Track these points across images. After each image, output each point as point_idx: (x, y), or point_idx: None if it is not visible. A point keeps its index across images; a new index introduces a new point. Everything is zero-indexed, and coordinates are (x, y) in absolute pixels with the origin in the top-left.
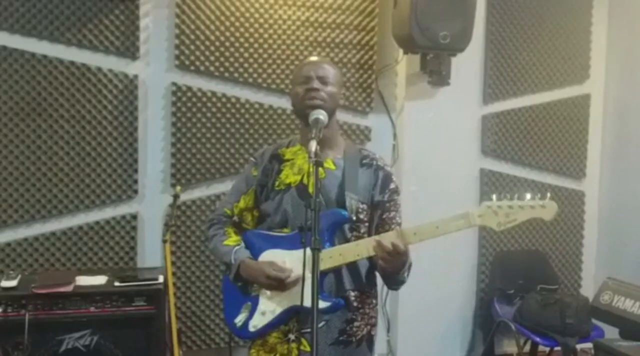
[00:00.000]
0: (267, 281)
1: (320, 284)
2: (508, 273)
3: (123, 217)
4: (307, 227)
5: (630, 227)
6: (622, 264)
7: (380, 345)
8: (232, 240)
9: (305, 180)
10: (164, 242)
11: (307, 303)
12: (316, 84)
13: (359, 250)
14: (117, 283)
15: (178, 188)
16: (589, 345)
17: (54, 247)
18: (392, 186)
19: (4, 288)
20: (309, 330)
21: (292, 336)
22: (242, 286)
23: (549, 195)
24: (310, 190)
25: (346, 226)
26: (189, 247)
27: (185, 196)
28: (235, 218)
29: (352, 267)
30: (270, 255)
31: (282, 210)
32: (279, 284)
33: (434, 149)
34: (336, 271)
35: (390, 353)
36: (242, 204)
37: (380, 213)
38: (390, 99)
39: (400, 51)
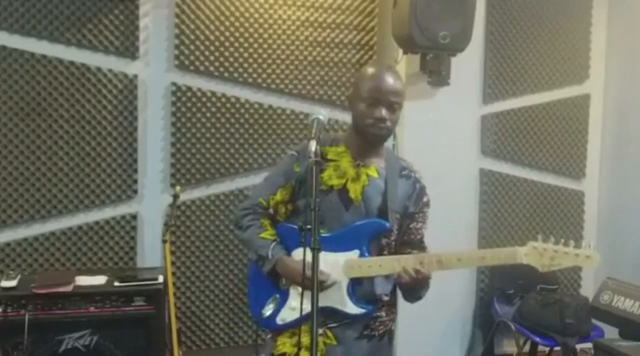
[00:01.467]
0: (305, 283)
1: (352, 290)
2: (508, 273)
3: (123, 217)
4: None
5: (629, 227)
6: (621, 264)
7: None
8: (269, 233)
9: (348, 185)
10: (164, 242)
11: (342, 306)
12: (385, 114)
13: (398, 266)
14: (116, 283)
15: (178, 188)
16: (589, 345)
17: (53, 246)
18: (425, 199)
19: (3, 288)
20: (335, 324)
21: (320, 331)
22: (274, 280)
23: (592, 244)
24: (353, 196)
25: None
26: (189, 247)
27: (185, 196)
28: (271, 210)
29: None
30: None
31: (320, 211)
32: (318, 286)
33: (433, 149)
34: (373, 279)
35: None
36: (278, 197)
37: (408, 222)
38: None
39: (400, 51)
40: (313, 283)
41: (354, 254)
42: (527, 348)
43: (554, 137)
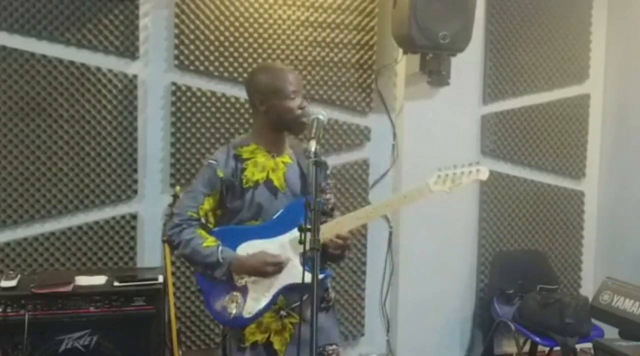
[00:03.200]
0: (269, 269)
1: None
2: (507, 273)
3: (123, 217)
4: (306, 227)
5: (629, 227)
6: (621, 264)
7: (379, 345)
8: (210, 241)
9: (271, 176)
10: (164, 242)
11: (296, 280)
12: (305, 103)
13: (339, 227)
14: (116, 283)
15: (178, 188)
16: (589, 344)
17: (53, 246)
18: (328, 172)
19: (3, 288)
20: (297, 303)
21: (283, 313)
22: (227, 281)
23: (478, 162)
24: (277, 184)
25: None
26: None
27: None
28: (202, 220)
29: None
30: (249, 247)
31: (254, 204)
32: (279, 268)
33: (433, 149)
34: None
35: (390, 353)
36: (206, 206)
37: (320, 195)
38: (389, 99)
39: (400, 51)
40: (313, 281)
41: (294, 232)
42: (527, 348)
43: (554, 137)
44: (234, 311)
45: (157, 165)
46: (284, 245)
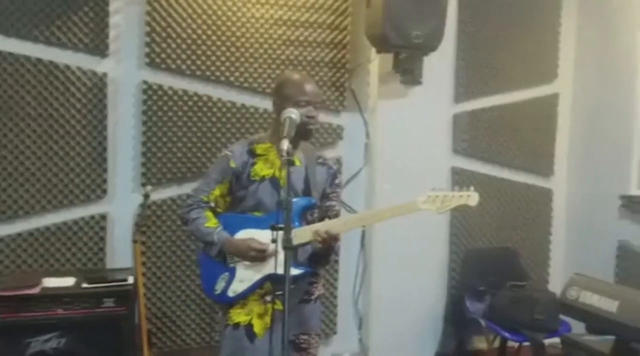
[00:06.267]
0: (252, 254)
1: (295, 254)
2: (479, 270)
3: (92, 217)
4: (280, 227)
5: (596, 224)
6: (589, 260)
7: (352, 343)
8: (212, 222)
9: (277, 174)
10: (134, 242)
11: (280, 271)
12: (314, 113)
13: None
14: (85, 285)
15: (148, 187)
16: (557, 339)
17: (20, 248)
18: (337, 181)
19: None
20: (281, 292)
21: (268, 298)
22: (222, 260)
23: (472, 188)
24: (282, 183)
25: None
26: (160, 247)
27: (156, 196)
28: (212, 204)
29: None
30: (246, 233)
31: (256, 197)
32: (261, 256)
33: (406, 148)
34: (305, 246)
35: (363, 351)
36: (217, 192)
37: (326, 202)
38: (363, 98)
39: (373, 50)
40: (285, 276)
41: None
42: (498, 344)
43: (524, 136)
44: (220, 289)
45: (127, 164)
46: (276, 238)
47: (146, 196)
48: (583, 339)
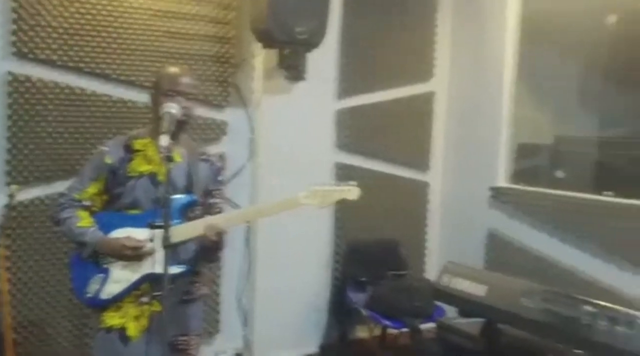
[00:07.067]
0: (127, 253)
1: (176, 252)
2: (360, 261)
3: None
4: (158, 225)
5: (469, 215)
6: (462, 248)
7: (236, 341)
8: (86, 222)
9: (156, 170)
10: None
11: (160, 270)
12: (186, 104)
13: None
14: None
15: (14, 187)
16: (433, 324)
17: None
18: (220, 178)
19: None
20: (159, 293)
21: (144, 299)
22: (95, 262)
23: (352, 182)
24: (161, 178)
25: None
26: (26, 251)
27: (23, 196)
28: (86, 202)
29: (196, 240)
30: (122, 232)
31: (134, 194)
32: (136, 254)
33: (290, 143)
34: (187, 244)
35: (247, 347)
36: (92, 190)
37: (209, 199)
38: (247, 93)
39: (258, 45)
40: (164, 276)
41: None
42: (379, 332)
43: (403, 132)
44: (92, 291)
45: None
46: (154, 236)
47: (11, 196)
48: (455, 322)
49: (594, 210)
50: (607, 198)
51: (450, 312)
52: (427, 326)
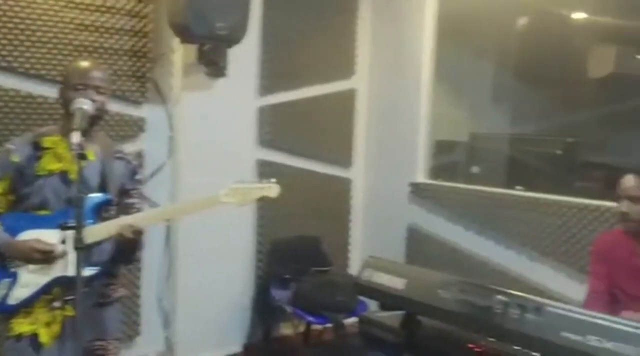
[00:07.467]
0: (36, 256)
1: (90, 254)
2: (284, 258)
3: None
4: (70, 226)
5: (389, 210)
6: (383, 243)
7: (157, 343)
8: None
9: (67, 168)
10: None
11: (72, 273)
12: (97, 97)
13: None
14: None
15: None
16: (356, 319)
17: None
18: (137, 177)
19: None
20: (73, 296)
21: (56, 304)
22: (1, 265)
23: (273, 179)
24: (72, 177)
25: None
26: None
27: None
28: None
29: (112, 241)
30: (30, 234)
31: (42, 194)
32: (46, 257)
33: (212, 140)
34: (100, 244)
35: (169, 349)
36: None
37: (125, 199)
38: (166, 89)
39: (177, 40)
40: (77, 278)
41: None
42: (303, 328)
43: (325, 129)
44: None
45: None
46: (65, 238)
47: None
48: (376, 316)
49: (507, 203)
50: (518, 192)
51: (374, 306)
52: (351, 321)
